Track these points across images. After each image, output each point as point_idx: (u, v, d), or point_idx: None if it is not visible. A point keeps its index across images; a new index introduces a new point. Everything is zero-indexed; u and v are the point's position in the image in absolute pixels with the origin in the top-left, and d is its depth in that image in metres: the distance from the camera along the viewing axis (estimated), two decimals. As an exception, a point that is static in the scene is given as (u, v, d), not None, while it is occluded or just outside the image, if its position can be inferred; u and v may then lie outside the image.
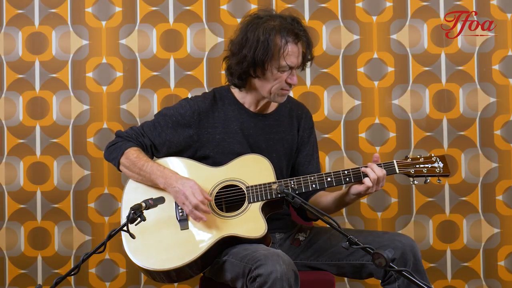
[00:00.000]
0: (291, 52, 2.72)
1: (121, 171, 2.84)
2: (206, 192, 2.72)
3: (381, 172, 2.67)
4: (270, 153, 2.82)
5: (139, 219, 2.40)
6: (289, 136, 2.91)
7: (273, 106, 2.91)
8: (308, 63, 2.82)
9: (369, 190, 2.67)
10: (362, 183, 2.67)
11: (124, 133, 2.87)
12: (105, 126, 3.69)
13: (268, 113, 2.90)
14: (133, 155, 2.78)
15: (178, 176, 2.73)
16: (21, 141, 3.69)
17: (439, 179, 2.72)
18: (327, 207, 2.84)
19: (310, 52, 2.78)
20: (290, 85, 2.77)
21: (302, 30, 2.75)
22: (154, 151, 2.86)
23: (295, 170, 2.94)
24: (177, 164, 2.81)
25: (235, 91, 2.88)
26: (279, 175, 2.79)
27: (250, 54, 2.71)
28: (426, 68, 3.67)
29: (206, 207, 2.67)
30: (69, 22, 3.70)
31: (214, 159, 2.81)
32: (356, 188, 2.70)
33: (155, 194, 2.73)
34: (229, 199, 2.75)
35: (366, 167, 2.68)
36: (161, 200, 2.54)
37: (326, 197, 2.85)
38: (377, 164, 2.69)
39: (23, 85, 3.70)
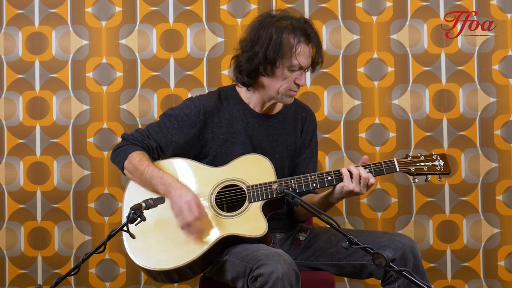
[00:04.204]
0: (303, 52, 2.72)
1: (125, 175, 2.84)
2: (205, 196, 2.73)
3: (365, 173, 2.65)
4: (272, 154, 2.82)
5: (139, 219, 2.40)
6: (292, 138, 2.91)
7: (278, 108, 2.90)
8: (317, 66, 2.81)
9: (349, 187, 2.65)
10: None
11: (130, 136, 2.86)
12: (105, 126, 3.69)
13: (273, 114, 2.90)
14: (135, 159, 2.78)
15: (178, 185, 2.71)
16: (21, 141, 3.69)
17: (439, 177, 2.72)
18: (303, 213, 2.87)
19: (319, 55, 2.78)
20: (298, 86, 2.77)
21: (313, 32, 2.75)
22: (160, 153, 2.84)
23: (292, 170, 2.94)
24: (178, 165, 2.80)
25: (240, 90, 2.87)
26: (280, 176, 2.79)
27: (262, 51, 2.70)
28: (426, 68, 3.67)
29: (201, 223, 2.66)
30: (69, 22, 3.70)
31: (217, 159, 2.81)
32: (339, 185, 2.68)
33: (156, 194, 2.73)
34: (230, 199, 2.75)
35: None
36: (161, 200, 2.54)
37: (312, 199, 2.85)
38: (364, 166, 2.69)
39: (23, 85, 3.70)
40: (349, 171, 2.67)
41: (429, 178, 2.71)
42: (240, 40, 2.82)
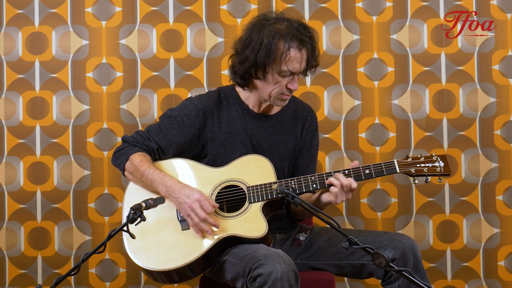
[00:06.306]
0: (293, 57, 2.71)
1: (126, 177, 2.84)
2: (208, 195, 2.73)
3: (346, 180, 2.65)
4: (272, 154, 2.82)
5: (139, 219, 2.40)
6: (292, 138, 2.91)
7: (277, 107, 2.90)
8: (312, 70, 2.81)
9: (338, 199, 2.66)
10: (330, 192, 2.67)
11: (131, 138, 2.86)
12: (105, 126, 3.69)
13: (272, 114, 2.90)
14: (136, 160, 2.77)
15: (180, 185, 2.72)
16: (21, 141, 3.69)
17: (440, 179, 2.72)
18: (300, 212, 2.87)
19: (314, 58, 2.77)
20: (290, 90, 2.77)
21: (308, 36, 2.73)
22: (161, 154, 2.85)
23: (293, 171, 2.94)
24: (178, 166, 2.81)
25: (239, 90, 2.88)
26: (281, 176, 2.79)
27: (252, 55, 2.70)
28: (426, 68, 3.67)
29: (214, 220, 2.66)
30: (69, 22, 3.70)
31: (217, 158, 2.81)
32: (326, 198, 2.69)
33: (156, 194, 2.73)
34: (230, 200, 2.75)
35: (331, 175, 2.68)
36: (161, 200, 2.54)
37: (309, 200, 2.83)
38: (343, 171, 2.68)
39: (23, 85, 3.70)
40: (331, 184, 2.66)
41: (429, 179, 2.71)
42: (235, 41, 2.82)
